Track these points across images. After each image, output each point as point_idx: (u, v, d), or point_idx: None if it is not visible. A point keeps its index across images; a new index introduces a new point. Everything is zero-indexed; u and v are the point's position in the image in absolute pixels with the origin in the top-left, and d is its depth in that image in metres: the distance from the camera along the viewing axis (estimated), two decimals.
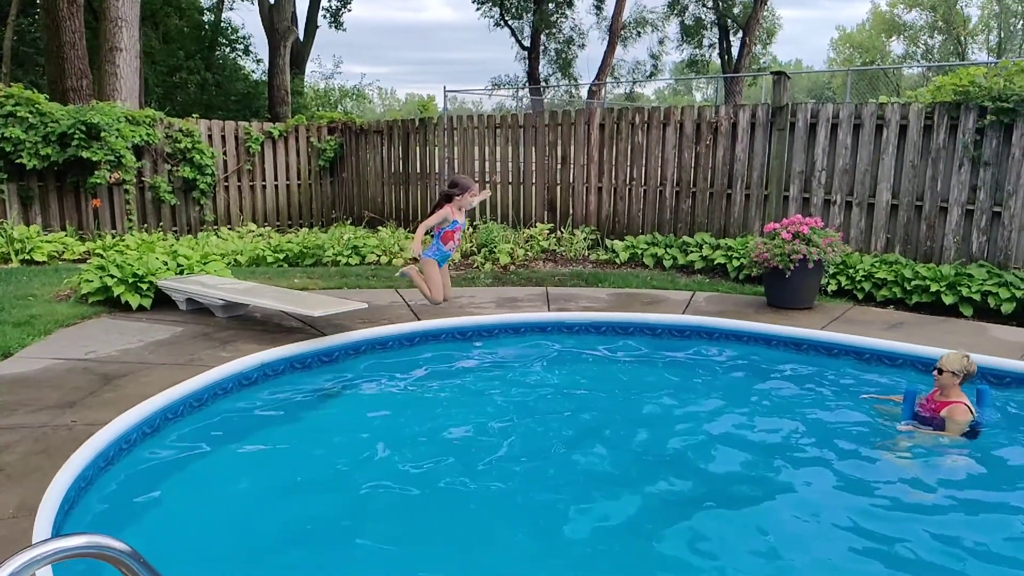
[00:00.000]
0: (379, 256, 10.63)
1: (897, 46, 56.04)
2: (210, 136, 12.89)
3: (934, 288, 7.79)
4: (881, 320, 7.29)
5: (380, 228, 12.36)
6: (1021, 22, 51.43)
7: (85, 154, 10.98)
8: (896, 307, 8.02)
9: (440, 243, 6.38)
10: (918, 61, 51.46)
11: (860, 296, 8.27)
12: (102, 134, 11.11)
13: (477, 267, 10.08)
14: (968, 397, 4.89)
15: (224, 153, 13.09)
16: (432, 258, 5.86)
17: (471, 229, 11.42)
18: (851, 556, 3.57)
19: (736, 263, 9.29)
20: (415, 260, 6.84)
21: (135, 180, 11.86)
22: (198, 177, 12.48)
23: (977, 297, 7.58)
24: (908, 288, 7.99)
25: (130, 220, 11.85)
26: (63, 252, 10.52)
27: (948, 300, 7.69)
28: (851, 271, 8.42)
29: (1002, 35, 52.00)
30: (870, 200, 8.95)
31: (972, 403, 4.87)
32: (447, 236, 5.58)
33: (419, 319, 7.03)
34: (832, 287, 8.42)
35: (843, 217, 9.16)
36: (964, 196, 8.29)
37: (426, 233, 6.20)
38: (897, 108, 8.70)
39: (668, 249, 10.23)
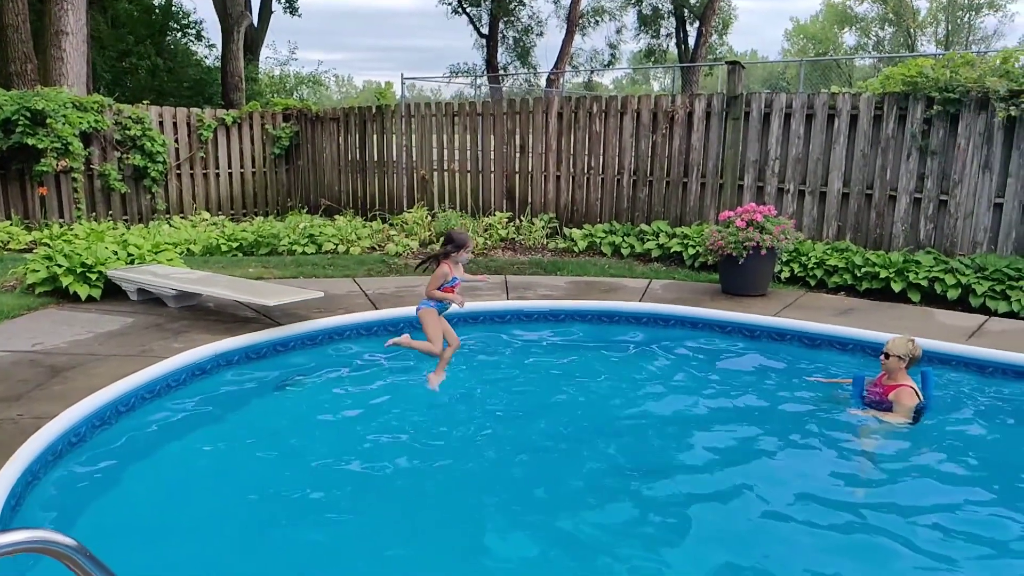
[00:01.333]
0: (336, 245, 10.53)
1: (849, 37, 57.00)
2: (161, 123, 12.60)
3: (883, 275, 7.98)
4: (832, 306, 7.44)
5: (337, 216, 12.23)
6: (968, 15, 52.69)
7: (30, 141, 10.66)
8: (847, 293, 8.20)
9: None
10: (869, 52, 52.44)
11: (812, 283, 8.43)
12: (48, 120, 10.79)
13: None
14: (914, 380, 5.03)
15: (176, 140, 12.81)
16: (431, 308, 5.40)
17: (429, 218, 11.36)
18: (800, 537, 3.66)
19: (692, 251, 9.40)
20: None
21: (83, 168, 11.55)
22: (149, 165, 12.20)
23: (924, 283, 7.78)
24: (858, 275, 8.17)
25: (79, 209, 11.55)
26: (8, 242, 10.21)
27: (897, 286, 7.88)
28: (803, 258, 8.57)
29: (949, 28, 53.22)
30: (822, 188, 9.12)
31: (917, 386, 5.01)
32: (446, 291, 5.24)
33: (377, 308, 6.98)
34: (785, 274, 8.57)
35: (796, 205, 9.31)
36: (912, 185, 8.49)
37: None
38: (848, 98, 8.86)
39: (626, 237, 10.31)
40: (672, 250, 9.69)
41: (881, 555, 3.50)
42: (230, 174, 13.62)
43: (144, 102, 12.77)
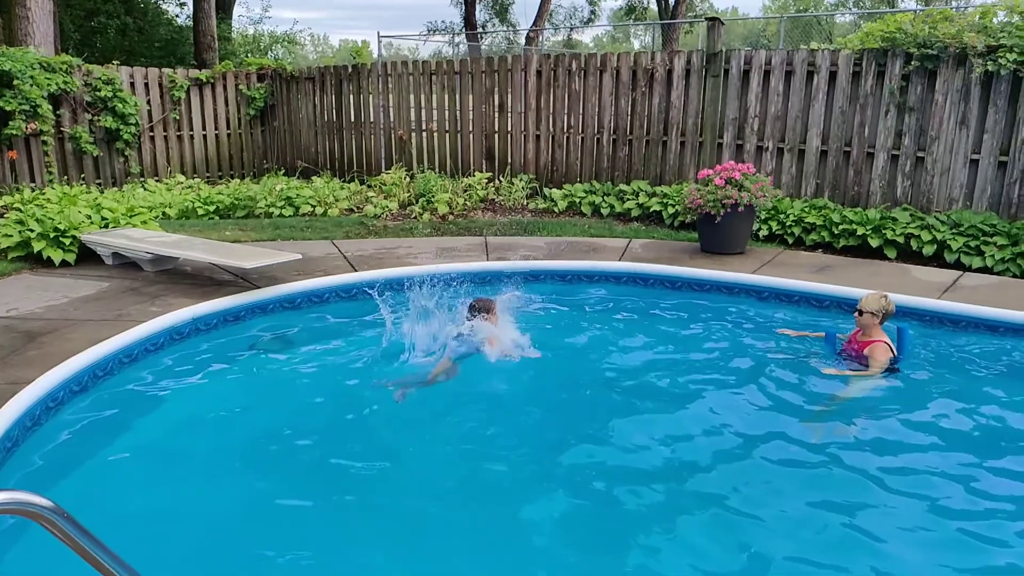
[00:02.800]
0: (313, 207, 10.43)
1: None
2: (132, 84, 12.33)
3: (860, 232, 8.03)
4: (810, 263, 7.50)
5: (314, 178, 12.09)
6: None
7: None
8: (824, 251, 8.26)
9: None
10: (850, 8, 52.08)
11: (790, 240, 8.48)
12: (15, 82, 10.51)
13: (415, 217, 9.99)
14: (889, 336, 5.11)
15: (148, 102, 12.55)
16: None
17: (408, 179, 11.27)
18: (781, 491, 3.73)
19: (671, 210, 9.40)
20: None
21: (54, 131, 11.30)
22: (121, 127, 11.96)
23: (901, 240, 7.85)
24: (836, 232, 8.23)
25: (50, 173, 11.33)
26: None
27: (874, 243, 7.94)
28: (782, 216, 8.61)
29: None
30: (801, 146, 9.12)
31: (892, 341, 5.09)
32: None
33: (356, 270, 6.95)
34: (764, 232, 8.61)
35: (775, 163, 9.32)
36: (890, 142, 8.52)
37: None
38: (827, 54, 8.82)
39: (605, 197, 10.28)
40: (652, 209, 9.69)
41: (852, 506, 3.58)
42: (204, 136, 13.40)
43: (114, 63, 12.46)
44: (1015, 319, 5.76)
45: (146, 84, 12.53)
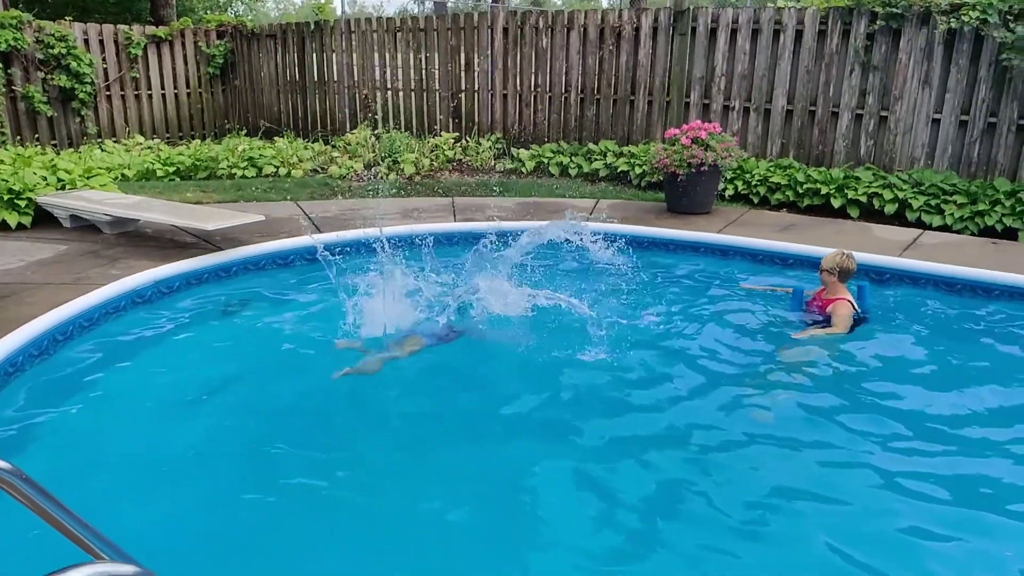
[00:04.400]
0: (277, 168, 10.26)
1: None
2: (87, 41, 11.94)
3: (824, 191, 8.12)
4: (774, 223, 7.57)
5: (277, 138, 11.86)
6: None
7: None
8: (789, 210, 8.34)
9: None
10: None
11: (756, 200, 8.55)
12: None
13: (381, 178, 9.88)
14: (851, 293, 5.19)
15: (104, 60, 12.18)
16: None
17: (373, 138, 11.11)
18: (749, 447, 3.80)
19: (639, 170, 9.40)
20: None
21: (5, 90, 10.94)
22: (76, 86, 11.62)
23: (864, 199, 7.95)
24: (800, 191, 8.30)
25: (2, 133, 10.99)
26: None
27: (837, 202, 8.03)
28: (747, 176, 8.66)
29: None
30: (767, 106, 9.15)
31: (855, 298, 5.17)
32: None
33: (321, 231, 6.88)
34: (730, 192, 8.66)
35: (741, 123, 9.35)
36: (854, 101, 8.57)
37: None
38: (794, 12, 8.81)
39: (573, 158, 10.25)
40: (619, 170, 9.68)
41: (809, 458, 3.67)
42: (163, 95, 13.07)
43: (67, 18, 12.06)
44: (971, 276, 5.89)
45: (101, 41, 12.15)
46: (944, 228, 7.47)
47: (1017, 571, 2.89)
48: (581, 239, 4.91)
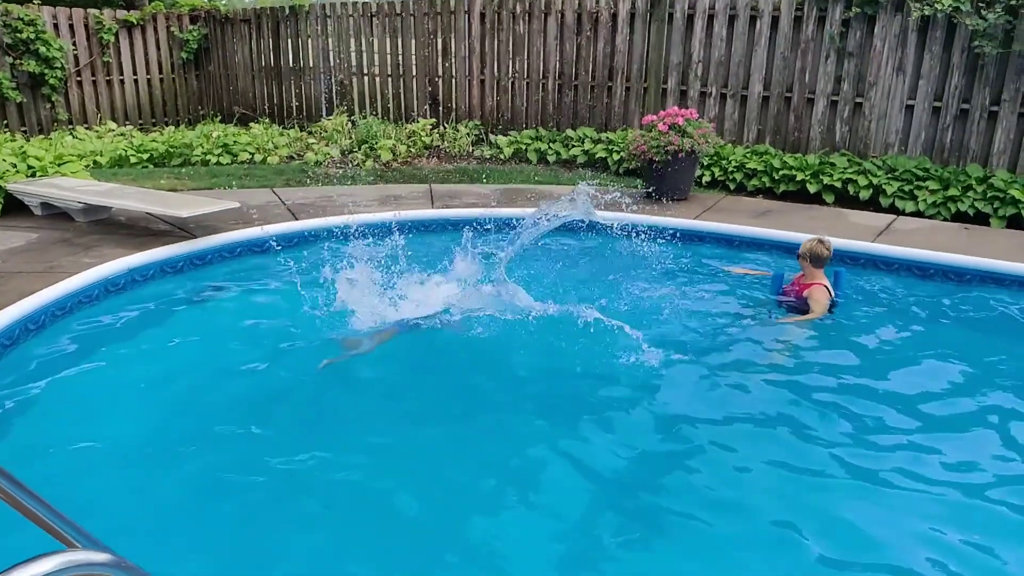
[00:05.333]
0: (252, 154, 10.16)
1: None
2: (56, 25, 11.72)
3: (800, 177, 8.17)
4: (751, 209, 7.62)
5: (252, 125, 11.74)
6: None
7: None
8: (765, 196, 8.39)
9: None
10: None
11: (732, 186, 8.59)
12: None
13: (358, 165, 9.81)
14: (828, 279, 5.25)
15: (74, 45, 11.97)
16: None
17: (349, 125, 11.02)
18: (717, 425, 3.84)
19: (616, 156, 9.42)
20: None
21: None
22: (46, 71, 11.41)
23: (839, 185, 8.01)
24: (776, 178, 8.35)
25: None
26: None
27: (812, 188, 8.10)
28: (724, 162, 8.70)
29: None
30: (743, 92, 9.18)
31: (831, 283, 5.23)
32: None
33: (297, 219, 6.83)
34: (706, 178, 8.70)
35: (718, 109, 9.37)
36: (830, 87, 8.62)
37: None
38: None
39: (551, 144, 10.24)
40: (597, 156, 9.69)
41: (786, 439, 3.71)
42: (135, 81, 12.87)
43: (35, 2, 11.83)
44: (944, 261, 5.97)
45: (71, 26, 11.93)
46: (917, 214, 7.55)
47: (989, 539, 2.96)
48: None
